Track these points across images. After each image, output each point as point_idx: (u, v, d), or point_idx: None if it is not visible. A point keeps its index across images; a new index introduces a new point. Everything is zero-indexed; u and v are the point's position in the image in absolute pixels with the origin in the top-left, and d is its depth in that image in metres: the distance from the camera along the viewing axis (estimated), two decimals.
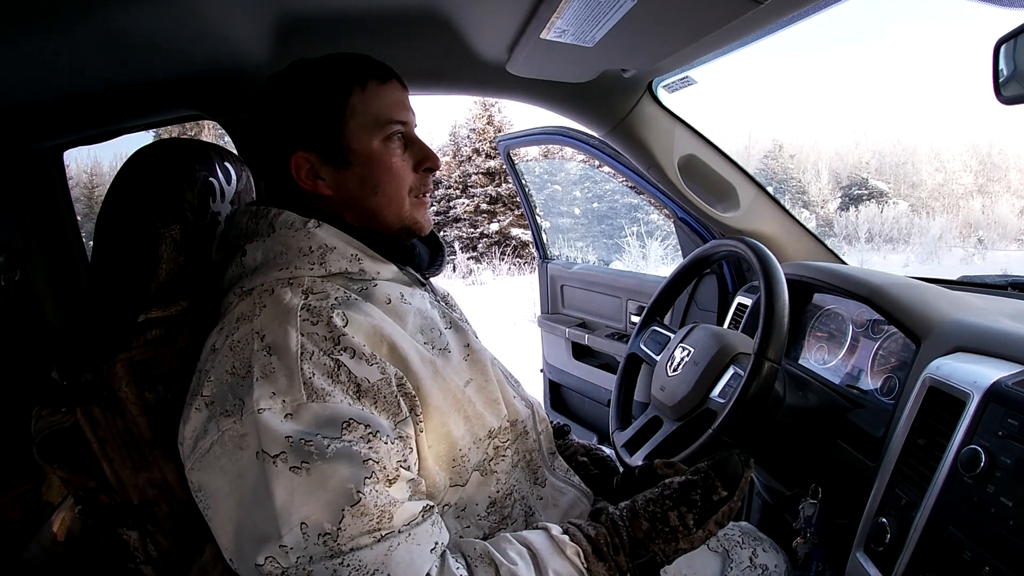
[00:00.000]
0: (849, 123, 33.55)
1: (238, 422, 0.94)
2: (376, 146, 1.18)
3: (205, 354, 1.05)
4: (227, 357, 1.00)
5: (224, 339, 1.03)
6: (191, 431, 0.98)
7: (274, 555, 0.86)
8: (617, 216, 21.32)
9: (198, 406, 0.98)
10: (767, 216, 2.27)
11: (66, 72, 1.68)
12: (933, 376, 1.26)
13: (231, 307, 1.09)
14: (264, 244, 1.12)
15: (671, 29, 1.50)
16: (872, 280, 1.65)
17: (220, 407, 0.96)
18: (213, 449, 0.94)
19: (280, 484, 0.89)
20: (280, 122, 1.20)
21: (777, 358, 1.33)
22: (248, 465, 0.91)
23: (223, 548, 0.94)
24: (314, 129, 1.17)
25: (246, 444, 0.92)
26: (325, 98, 1.17)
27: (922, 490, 1.18)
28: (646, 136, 2.11)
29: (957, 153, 27.55)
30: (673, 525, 1.08)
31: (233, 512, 0.92)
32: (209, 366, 1.02)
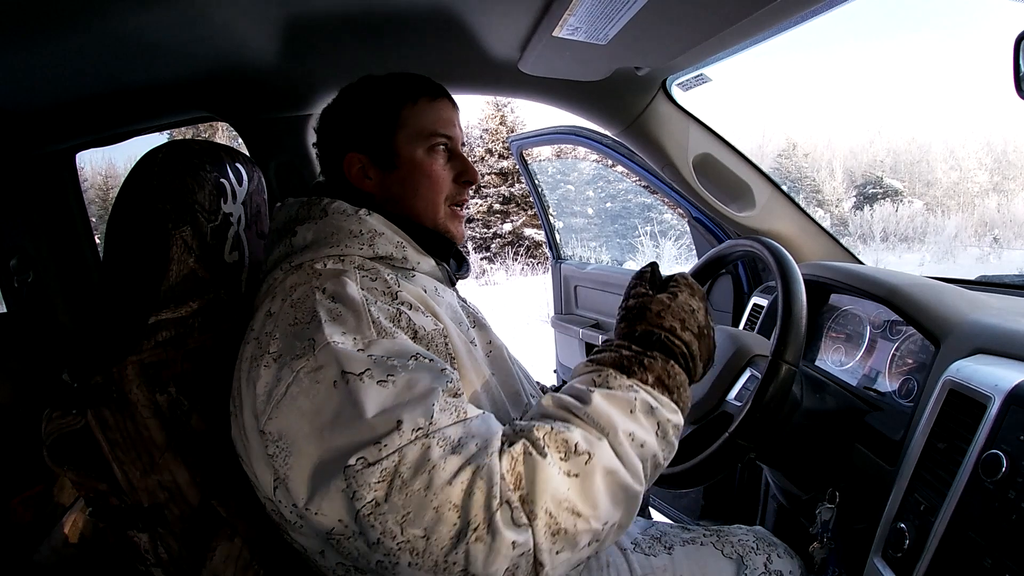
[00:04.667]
0: (863, 121, 33.38)
1: (311, 359, 0.97)
2: (420, 154, 1.30)
3: (260, 321, 1.09)
4: (288, 313, 1.05)
5: (281, 302, 1.08)
6: (264, 386, 1.00)
7: (365, 455, 0.89)
8: (630, 216, 21.30)
9: (267, 363, 1.01)
10: (783, 215, 2.25)
11: (78, 75, 1.69)
12: (953, 379, 1.24)
13: (279, 280, 1.14)
14: (316, 226, 1.20)
15: (685, 26, 1.49)
16: (890, 280, 1.63)
17: (290, 354, 1.00)
18: (289, 391, 0.97)
19: (370, 396, 0.93)
20: (340, 125, 1.34)
21: (795, 361, 1.30)
22: (327, 395, 0.95)
23: (296, 498, 0.95)
24: (367, 134, 1.30)
25: (323, 376, 0.96)
26: (380, 108, 1.31)
27: (941, 495, 1.16)
28: (660, 135, 2.10)
29: (972, 151, 27.38)
30: (630, 305, 1.17)
31: (314, 447, 0.94)
32: (271, 327, 1.05)
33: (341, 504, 0.90)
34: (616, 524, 0.96)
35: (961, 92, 33.97)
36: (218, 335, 1.32)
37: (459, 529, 0.86)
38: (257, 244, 1.49)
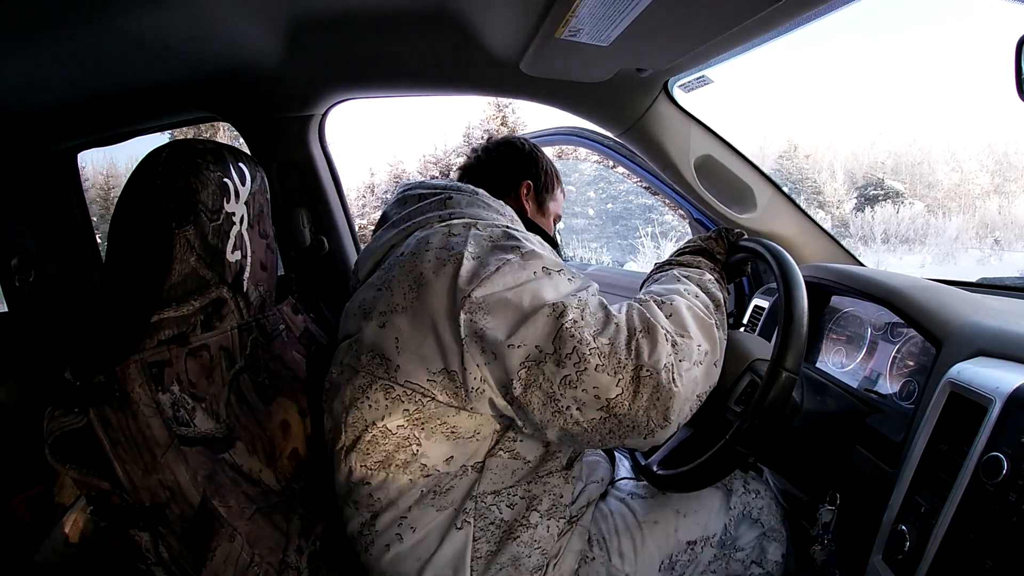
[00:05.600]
0: (865, 123, 33.38)
1: (518, 254, 1.28)
2: (552, 215, 1.84)
3: (437, 239, 1.34)
4: (480, 233, 1.33)
5: (463, 228, 1.35)
6: (466, 271, 1.25)
7: (565, 301, 1.22)
8: (631, 217, 21.32)
9: (466, 259, 1.27)
10: (784, 217, 2.25)
11: (79, 75, 1.69)
12: (954, 381, 1.24)
13: (441, 223, 1.40)
14: (466, 198, 1.50)
15: (687, 27, 1.48)
16: (891, 283, 1.63)
17: (496, 252, 1.29)
18: (499, 270, 1.25)
19: (563, 281, 1.28)
20: (525, 164, 1.80)
21: (795, 368, 1.29)
22: (532, 276, 1.26)
23: (492, 342, 1.21)
24: (544, 181, 1.81)
25: (529, 265, 1.27)
26: (554, 172, 1.84)
27: (943, 497, 1.16)
28: (662, 136, 2.09)
29: (974, 153, 27.41)
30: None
31: (518, 301, 1.22)
32: (458, 242, 1.31)
33: (544, 328, 1.19)
34: (707, 350, 1.28)
35: (963, 94, 33.96)
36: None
37: (628, 335, 1.20)
38: (260, 243, 1.49)
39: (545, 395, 1.19)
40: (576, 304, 1.21)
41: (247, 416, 1.36)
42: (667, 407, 1.18)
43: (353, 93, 2.04)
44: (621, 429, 1.18)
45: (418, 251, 1.32)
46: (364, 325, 1.32)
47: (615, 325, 1.20)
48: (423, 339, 1.25)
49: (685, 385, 1.20)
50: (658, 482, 1.52)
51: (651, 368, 1.16)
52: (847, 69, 38.09)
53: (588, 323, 1.19)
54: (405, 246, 1.37)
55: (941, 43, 36.88)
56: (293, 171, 2.13)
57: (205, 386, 1.27)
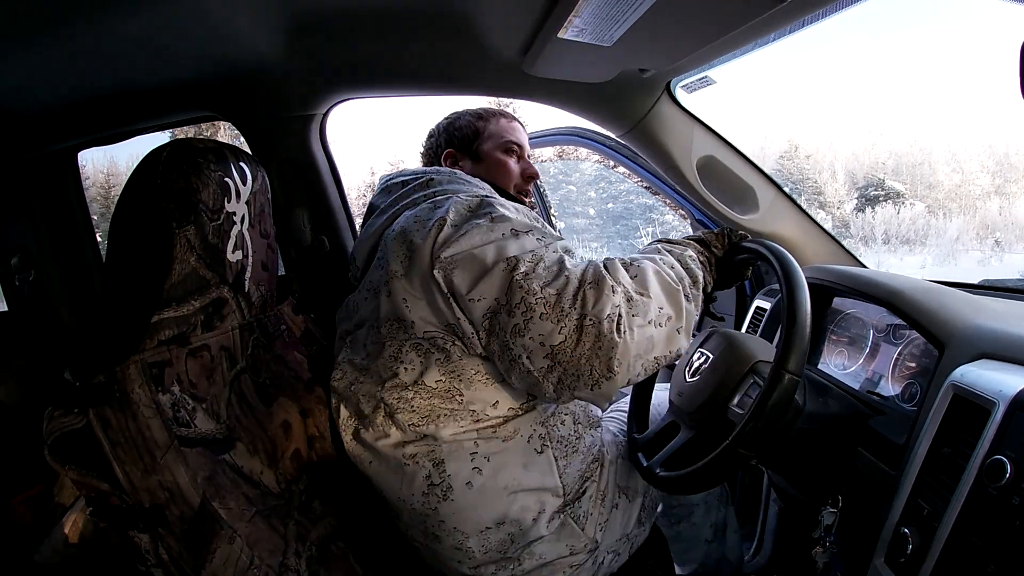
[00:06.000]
0: (866, 123, 33.38)
1: (488, 218, 1.39)
2: (497, 154, 1.84)
3: (421, 210, 1.47)
4: (459, 203, 1.44)
5: (445, 200, 1.47)
6: (444, 234, 1.37)
7: (520, 256, 1.32)
8: (632, 216, 21.32)
9: (445, 225, 1.38)
10: (786, 218, 2.24)
11: (79, 75, 1.68)
12: (957, 383, 1.23)
13: (426, 200, 1.54)
14: (446, 177, 1.64)
15: (691, 28, 1.48)
16: (893, 284, 1.62)
17: (470, 218, 1.41)
18: (468, 232, 1.36)
19: (528, 239, 1.37)
20: (440, 138, 1.91)
21: (798, 370, 1.29)
22: (499, 235, 1.36)
23: (458, 294, 1.34)
24: (460, 139, 1.88)
25: (497, 227, 1.37)
26: (469, 123, 1.88)
27: (945, 500, 1.15)
28: (664, 137, 2.09)
29: (974, 154, 27.40)
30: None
31: (482, 257, 1.34)
32: (439, 212, 1.42)
33: (499, 281, 1.30)
34: (669, 314, 1.34)
35: (964, 95, 33.96)
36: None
37: (577, 286, 1.27)
38: (261, 243, 1.48)
39: (501, 344, 1.31)
40: (530, 258, 1.31)
41: (248, 417, 1.35)
42: (609, 357, 1.24)
43: (355, 93, 2.04)
44: (568, 378, 1.26)
45: (407, 224, 1.44)
46: (378, 303, 1.45)
47: (565, 277, 1.29)
48: (423, 297, 1.38)
49: (635, 341, 1.27)
50: (661, 484, 1.51)
51: (594, 317, 1.24)
52: (848, 69, 38.09)
53: (539, 275, 1.29)
54: (395, 224, 1.49)
55: (942, 44, 36.88)
56: (294, 170, 2.13)
57: (206, 386, 1.27)
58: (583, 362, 1.24)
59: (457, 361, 1.40)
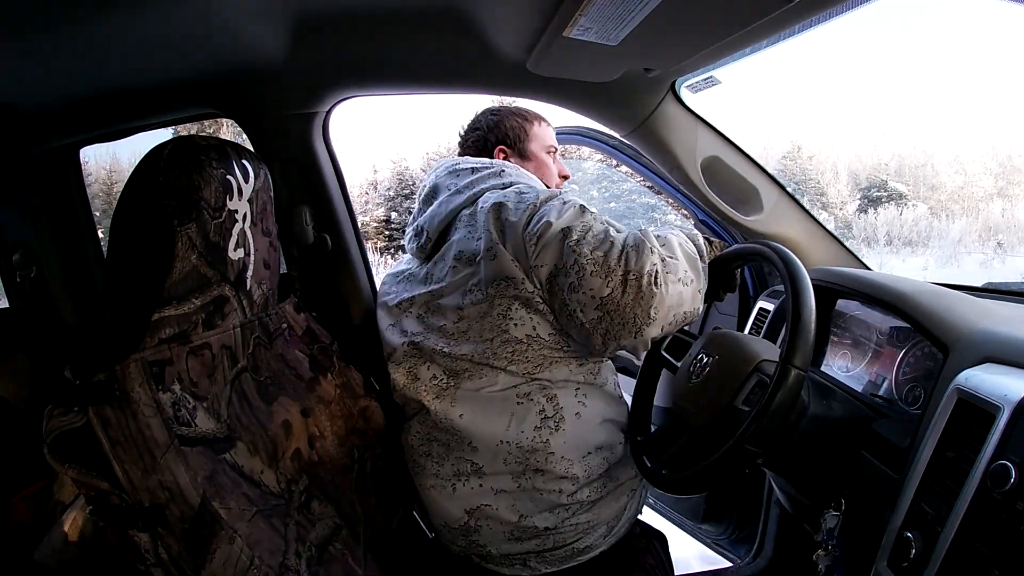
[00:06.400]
0: (869, 124, 33.36)
1: (560, 199, 1.63)
2: (542, 155, 2.06)
3: (515, 195, 1.67)
4: (539, 191, 1.67)
5: (527, 188, 1.72)
6: (527, 213, 1.62)
7: (576, 226, 1.56)
8: (634, 216, 21.30)
9: (527, 207, 1.62)
10: (791, 220, 2.24)
11: (82, 71, 1.68)
12: (962, 387, 1.23)
13: (499, 188, 1.76)
14: (512, 170, 1.85)
15: (697, 28, 1.47)
16: (898, 287, 1.62)
17: (543, 199, 1.63)
18: (542, 208, 1.61)
19: (586, 214, 1.60)
20: (492, 134, 2.05)
21: (804, 365, 1.30)
22: (568, 212, 1.58)
23: (530, 261, 1.58)
24: (512, 138, 2.04)
25: (568, 207, 1.60)
26: (519, 124, 2.05)
27: (949, 505, 1.14)
28: (669, 137, 2.09)
29: (977, 155, 27.38)
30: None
31: (554, 227, 1.56)
32: (534, 195, 1.65)
33: (556, 248, 1.54)
34: (692, 277, 1.57)
35: (967, 97, 33.92)
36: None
37: (621, 248, 1.50)
38: (263, 241, 1.48)
39: (560, 302, 1.56)
40: (580, 228, 1.54)
41: (248, 416, 1.35)
42: (650, 305, 1.47)
43: (358, 91, 2.03)
44: (615, 327, 1.49)
45: (501, 205, 1.65)
46: (477, 268, 1.65)
47: (610, 242, 1.51)
48: (520, 264, 1.60)
49: (669, 293, 1.49)
50: (667, 485, 1.51)
51: (636, 273, 1.47)
52: (851, 70, 38.03)
53: (588, 241, 1.52)
54: (482, 203, 1.70)
55: (946, 46, 36.82)
56: (296, 168, 2.12)
57: (207, 385, 1.26)
58: (627, 310, 1.47)
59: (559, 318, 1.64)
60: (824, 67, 37.96)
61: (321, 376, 1.67)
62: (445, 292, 1.71)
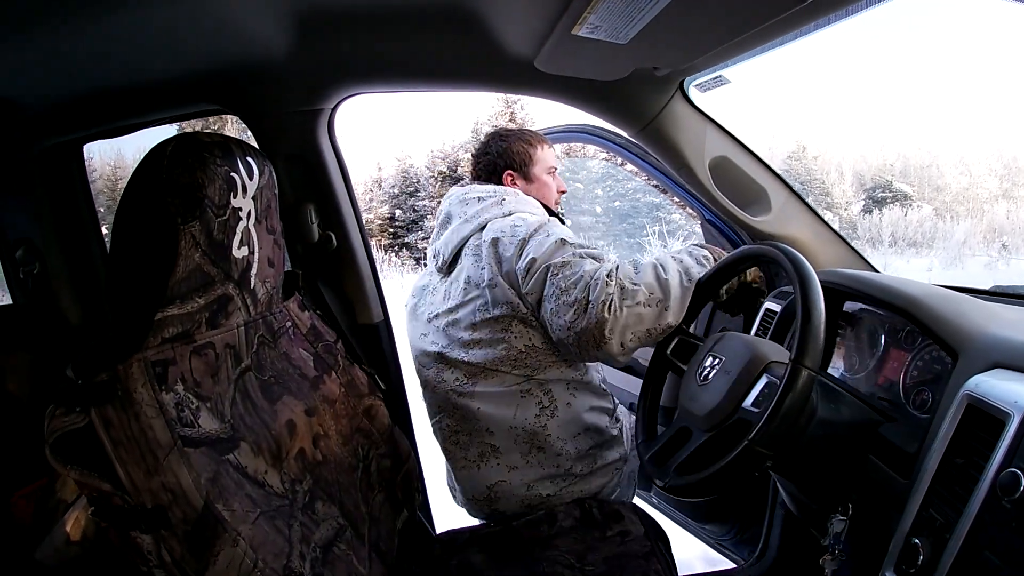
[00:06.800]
0: (874, 125, 33.30)
1: (543, 232, 1.93)
2: (544, 177, 2.33)
3: (510, 229, 1.99)
4: (529, 227, 1.96)
5: (521, 221, 2.00)
6: (516, 245, 1.95)
7: (556, 260, 1.87)
8: (639, 215, 21.32)
9: (519, 240, 1.94)
10: (799, 221, 2.22)
11: (86, 67, 1.67)
12: (972, 393, 1.21)
13: (499, 216, 2.07)
14: (511, 198, 2.14)
15: (708, 27, 1.46)
16: (907, 290, 1.60)
17: (533, 234, 1.94)
18: (530, 242, 1.93)
19: (567, 248, 1.89)
20: (500, 159, 2.30)
21: (815, 365, 1.29)
22: (554, 247, 1.89)
23: (521, 288, 1.93)
24: (518, 163, 2.30)
25: (550, 239, 1.90)
26: (524, 149, 2.30)
27: (957, 512, 1.13)
28: (677, 137, 2.08)
29: (982, 157, 27.32)
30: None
31: (538, 260, 1.89)
32: (509, 233, 1.97)
33: (540, 279, 1.87)
34: (658, 297, 1.79)
35: (972, 98, 33.83)
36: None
37: (584, 283, 1.79)
38: (267, 239, 1.47)
39: (546, 322, 1.90)
40: (559, 263, 1.85)
41: (252, 416, 1.34)
42: (603, 327, 1.75)
43: (364, 88, 2.02)
44: (582, 343, 1.79)
45: (498, 235, 1.99)
46: (484, 292, 1.98)
47: (579, 276, 1.80)
48: (515, 291, 1.94)
49: (623, 316, 1.76)
50: (676, 489, 1.51)
51: (592, 302, 1.75)
52: (857, 70, 37.95)
53: (564, 276, 1.82)
54: (485, 234, 2.02)
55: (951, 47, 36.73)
56: (302, 166, 2.11)
57: (210, 385, 1.25)
58: (587, 332, 1.77)
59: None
60: (830, 66, 37.89)
61: (325, 375, 1.67)
62: (460, 309, 2.05)
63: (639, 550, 1.77)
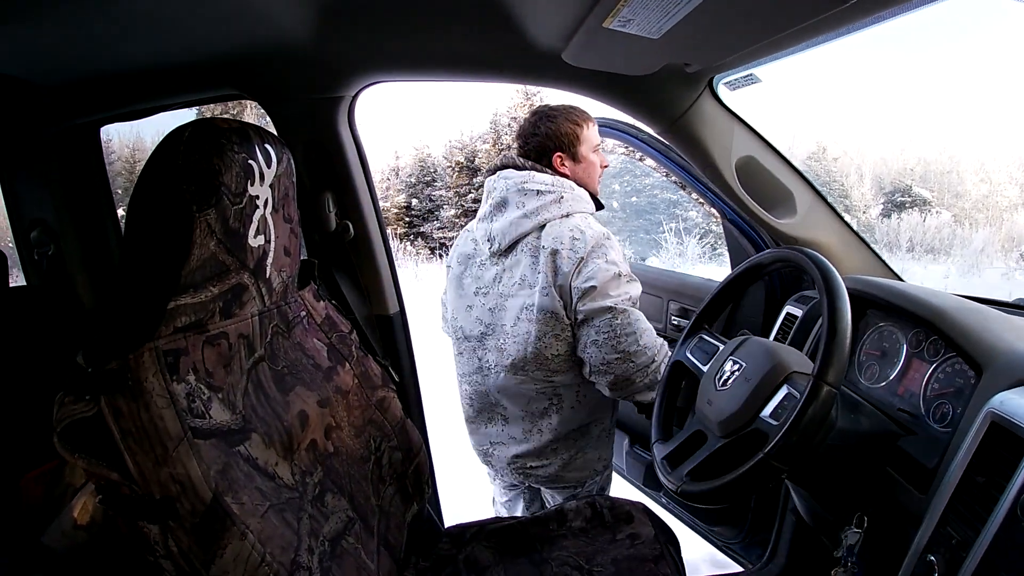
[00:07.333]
0: (895, 129, 33.08)
1: (606, 255, 2.13)
2: (591, 156, 2.35)
3: (568, 240, 2.13)
4: (588, 239, 2.13)
5: (581, 233, 2.16)
6: (576, 265, 2.13)
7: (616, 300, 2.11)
8: (656, 211, 21.25)
9: (572, 258, 2.12)
10: (824, 225, 2.20)
11: (105, 49, 1.67)
12: (996, 411, 1.19)
13: (557, 217, 2.20)
14: (569, 195, 2.25)
15: (744, 24, 1.43)
16: (933, 302, 1.58)
17: (594, 254, 2.13)
18: (597, 262, 2.13)
19: (623, 282, 2.13)
20: (550, 141, 2.32)
21: (837, 382, 1.27)
22: (612, 280, 2.12)
23: (577, 309, 2.15)
24: (567, 144, 2.32)
25: (612, 268, 2.12)
26: (572, 129, 2.31)
27: (975, 530, 1.12)
28: (704, 135, 2.04)
29: (1003, 164, 27.08)
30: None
31: (600, 290, 2.11)
32: (583, 244, 2.13)
33: (595, 311, 2.09)
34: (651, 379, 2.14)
35: (995, 105, 33.56)
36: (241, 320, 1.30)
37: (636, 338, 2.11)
38: (284, 228, 1.45)
39: (580, 341, 2.17)
40: (618, 306, 2.10)
41: (264, 407, 1.33)
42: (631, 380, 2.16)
43: (387, 76, 2.00)
44: (608, 377, 2.16)
45: (556, 252, 2.13)
46: (534, 292, 2.17)
47: (636, 332, 2.12)
48: (564, 302, 2.14)
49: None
50: (689, 496, 1.49)
51: (634, 355, 2.13)
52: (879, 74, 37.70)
53: (619, 324, 2.09)
54: (544, 239, 2.17)
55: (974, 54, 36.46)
56: (320, 154, 2.10)
57: (223, 376, 1.24)
58: (618, 376, 2.14)
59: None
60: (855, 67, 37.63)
61: (339, 366, 1.65)
62: (510, 299, 2.25)
63: (649, 553, 1.76)
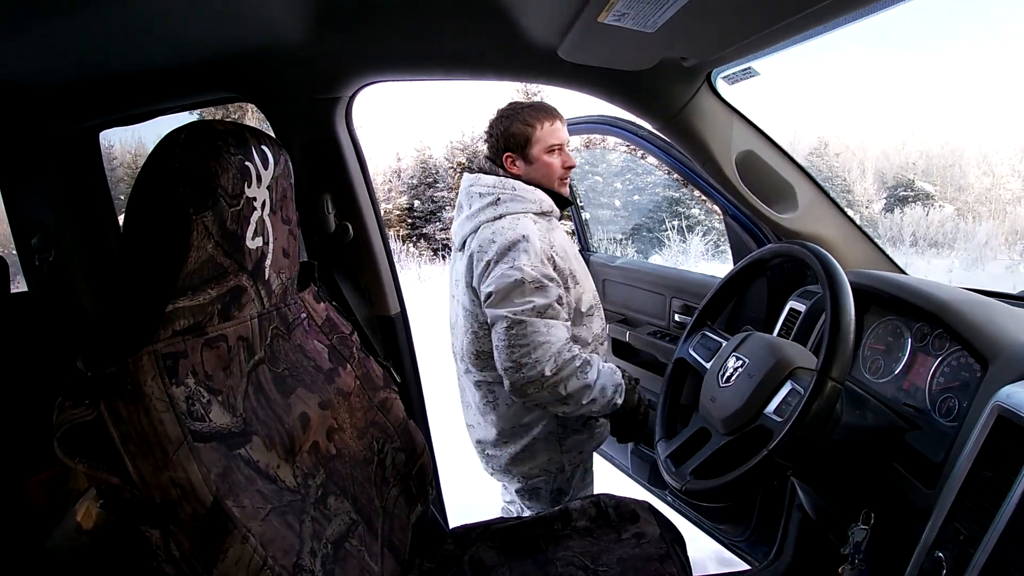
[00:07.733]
0: (897, 122, 33.03)
1: (511, 266, 2.06)
2: (544, 157, 2.26)
3: (486, 242, 2.13)
4: (496, 241, 2.10)
5: (498, 236, 2.12)
6: (485, 272, 2.12)
7: (515, 312, 2.05)
8: (658, 209, 21.21)
9: (489, 264, 2.10)
10: (826, 219, 2.18)
11: (103, 53, 1.67)
12: (1003, 404, 1.18)
13: (488, 223, 2.17)
14: (507, 194, 2.21)
15: (740, 16, 1.42)
16: (937, 294, 1.57)
17: (501, 260, 2.08)
18: (499, 272, 2.07)
19: (529, 290, 2.06)
20: (497, 143, 2.30)
21: (841, 377, 1.26)
22: (511, 287, 2.05)
23: (485, 317, 2.16)
24: (516, 144, 2.26)
25: (510, 279, 2.05)
26: (522, 130, 2.25)
27: (984, 526, 1.10)
28: (703, 130, 2.03)
29: (1006, 157, 27.03)
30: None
31: (504, 302, 2.07)
32: (488, 249, 2.11)
33: (492, 315, 2.08)
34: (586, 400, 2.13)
35: (997, 97, 33.51)
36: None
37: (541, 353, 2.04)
38: (282, 229, 1.45)
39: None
40: (517, 320, 2.05)
41: (265, 409, 1.32)
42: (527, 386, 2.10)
43: (383, 76, 2.00)
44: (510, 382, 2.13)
45: (474, 252, 2.16)
46: (464, 292, 2.24)
47: (534, 344, 2.05)
48: (478, 302, 2.18)
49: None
50: (693, 494, 1.48)
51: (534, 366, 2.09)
52: (880, 67, 37.63)
53: (518, 332, 2.05)
54: (473, 241, 2.18)
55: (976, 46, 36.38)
56: (318, 155, 2.10)
57: (222, 378, 1.24)
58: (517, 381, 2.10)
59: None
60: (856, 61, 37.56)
61: (340, 367, 1.65)
62: (455, 293, 2.35)
63: (654, 552, 1.75)
